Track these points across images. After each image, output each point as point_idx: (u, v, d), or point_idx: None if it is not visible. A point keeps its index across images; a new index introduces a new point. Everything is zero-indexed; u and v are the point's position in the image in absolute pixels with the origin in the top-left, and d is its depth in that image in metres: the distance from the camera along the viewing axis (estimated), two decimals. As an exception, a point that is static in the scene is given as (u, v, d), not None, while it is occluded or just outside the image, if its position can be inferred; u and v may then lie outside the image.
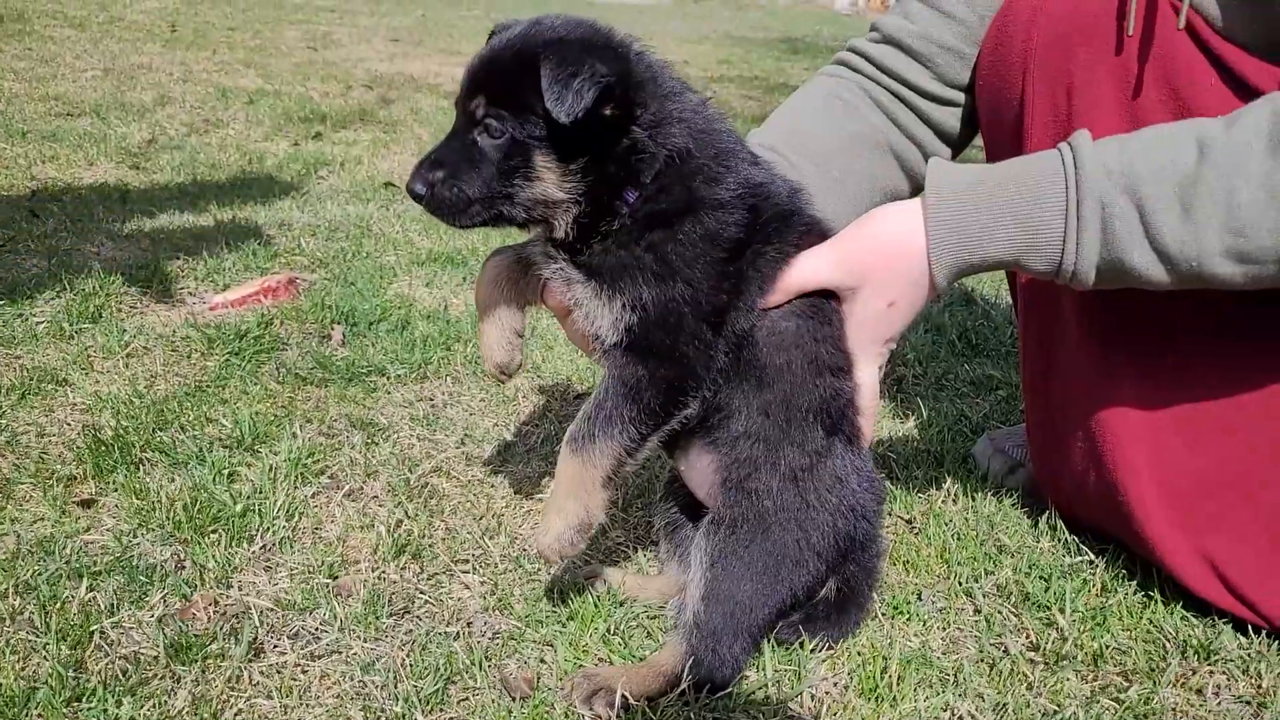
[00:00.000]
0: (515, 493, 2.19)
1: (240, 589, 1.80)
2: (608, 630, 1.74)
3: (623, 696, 1.51)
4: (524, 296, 1.73)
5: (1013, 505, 2.19)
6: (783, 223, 1.59)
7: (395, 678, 1.59)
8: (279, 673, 1.60)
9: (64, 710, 1.47)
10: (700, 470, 1.66)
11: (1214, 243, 1.45)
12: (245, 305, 3.09)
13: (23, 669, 1.54)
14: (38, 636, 1.61)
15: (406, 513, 2.06)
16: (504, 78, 1.47)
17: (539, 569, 1.92)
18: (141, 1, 11.69)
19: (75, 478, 2.09)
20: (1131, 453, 1.82)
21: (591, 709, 1.52)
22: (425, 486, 2.18)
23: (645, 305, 1.51)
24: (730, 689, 1.58)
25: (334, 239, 3.88)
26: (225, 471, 2.13)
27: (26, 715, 1.45)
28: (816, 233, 1.62)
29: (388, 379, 2.70)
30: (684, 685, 1.55)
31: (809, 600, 1.68)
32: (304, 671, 1.61)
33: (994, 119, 1.96)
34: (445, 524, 2.05)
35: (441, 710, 1.54)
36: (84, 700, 1.49)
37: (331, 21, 12.49)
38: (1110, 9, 1.74)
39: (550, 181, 1.50)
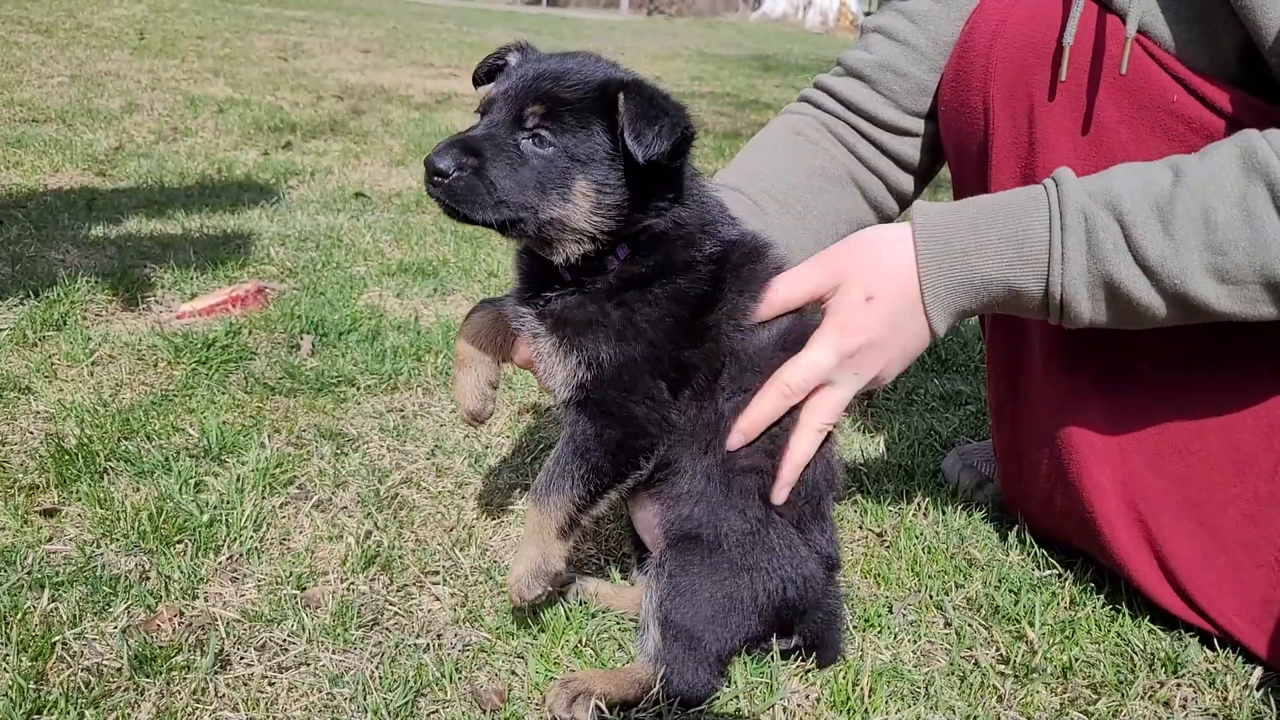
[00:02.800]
0: (485, 504, 2.17)
1: (206, 600, 1.77)
2: (579, 642, 1.73)
3: (600, 704, 1.51)
4: (502, 351, 1.75)
5: (983, 519, 2.20)
6: (753, 263, 1.61)
7: (364, 690, 1.57)
8: (246, 685, 1.57)
9: (24, 723, 1.44)
10: (644, 517, 1.67)
11: (1194, 259, 1.48)
12: (213, 314, 3.06)
13: (-18, 681, 1.51)
14: (-2, 648, 1.58)
15: (376, 524, 2.05)
16: (571, 94, 1.47)
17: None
18: (109, 8, 11.61)
19: (37, 487, 2.06)
20: (1098, 474, 1.84)
21: (572, 715, 1.51)
22: (395, 497, 2.16)
23: (601, 363, 1.53)
24: (704, 705, 1.58)
25: (304, 249, 3.85)
26: (192, 481, 2.10)
27: (-15, 728, 1.42)
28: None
29: (357, 389, 2.68)
30: (656, 689, 1.56)
31: (760, 645, 1.69)
32: (271, 684, 1.59)
33: (958, 143, 1.98)
34: (415, 535, 2.03)
35: (412, 721, 1.52)
36: (45, 713, 1.46)
37: (302, 31, 12.44)
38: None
39: (582, 208, 1.48)
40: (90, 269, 3.34)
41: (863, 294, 1.57)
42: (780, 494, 1.58)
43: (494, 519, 2.12)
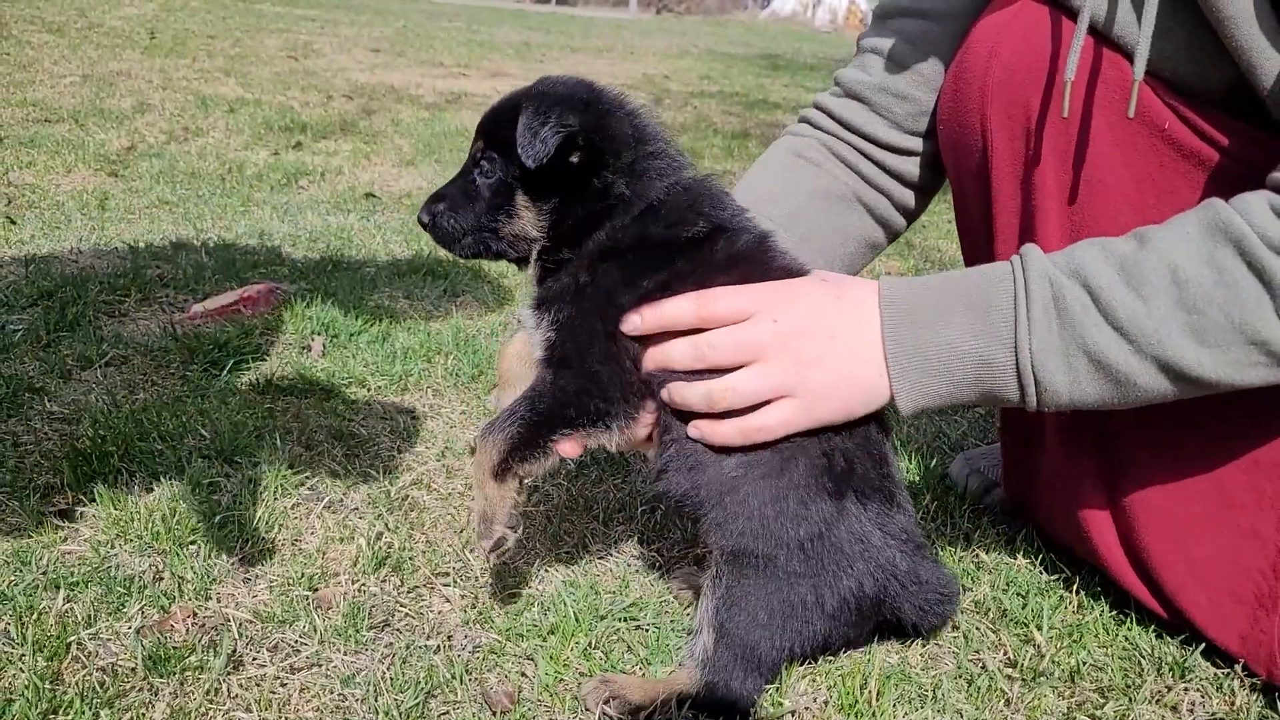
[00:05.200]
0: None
1: (219, 601, 1.79)
2: (589, 644, 1.74)
3: (635, 706, 1.54)
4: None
5: (990, 523, 2.21)
6: (754, 252, 1.64)
7: (376, 691, 1.58)
8: (258, 685, 1.59)
9: (40, 723, 1.45)
10: (702, 534, 1.66)
11: (1170, 318, 1.44)
12: (225, 315, 3.08)
13: (0, 680, 1.53)
14: (14, 648, 1.60)
15: (387, 525, 2.06)
16: (499, 124, 1.62)
17: (520, 583, 1.92)
18: (120, 8, 11.65)
19: (53, 487, 2.07)
20: (1093, 495, 1.86)
21: (601, 710, 1.54)
22: (406, 499, 2.18)
23: (563, 321, 1.60)
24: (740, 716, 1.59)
25: (314, 249, 3.87)
26: (204, 482, 2.12)
27: (2, 728, 1.44)
28: (792, 270, 1.66)
29: (368, 390, 2.70)
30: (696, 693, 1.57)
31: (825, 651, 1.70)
32: (283, 684, 1.60)
33: (958, 162, 1.97)
34: (425, 537, 2.05)
35: (423, 723, 1.54)
36: (60, 712, 1.48)
37: (312, 31, 12.47)
38: (1060, 53, 1.76)
39: (527, 219, 1.65)
40: (102, 269, 3.36)
41: (808, 315, 1.57)
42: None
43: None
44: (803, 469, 1.58)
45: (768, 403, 1.55)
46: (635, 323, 1.56)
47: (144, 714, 1.50)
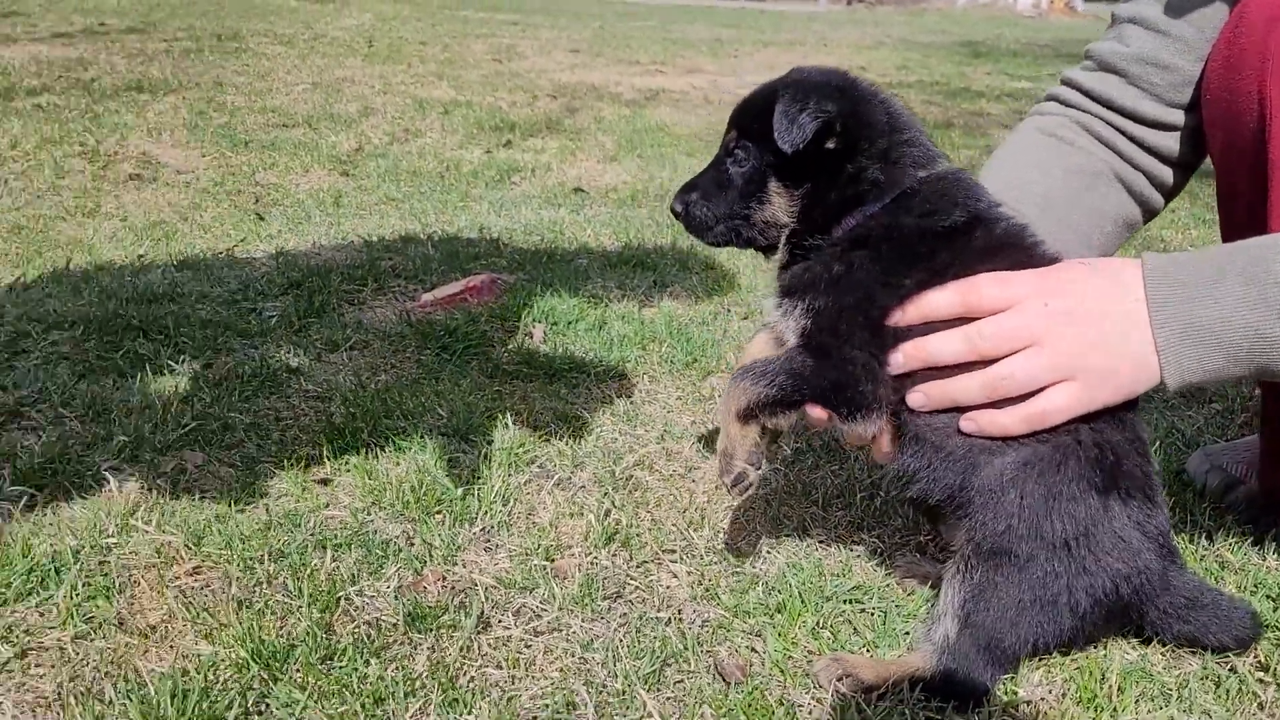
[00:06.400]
0: (716, 487, 2.24)
1: (464, 566, 1.91)
2: (816, 624, 1.77)
3: (867, 685, 1.57)
4: None
5: (1234, 521, 2.10)
6: (1010, 244, 1.62)
7: (614, 656, 1.66)
8: (505, 645, 1.70)
9: (319, 667, 1.60)
10: (956, 533, 1.65)
11: None
12: (452, 304, 3.26)
13: (282, 627, 1.69)
14: (292, 599, 1.76)
15: (614, 503, 2.15)
16: (752, 114, 1.68)
17: (744, 562, 1.97)
18: (341, 20, 12.41)
19: (313, 458, 2.26)
20: None
21: (834, 688, 1.57)
22: (630, 479, 2.26)
23: (819, 310, 1.61)
24: (984, 706, 1.58)
25: (529, 242, 4.04)
26: (445, 458, 2.26)
27: (287, 669, 1.59)
28: (1052, 257, 1.62)
29: (588, 375, 2.81)
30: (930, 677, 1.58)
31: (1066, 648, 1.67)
32: (528, 646, 1.70)
33: (1229, 134, 1.87)
34: (651, 515, 2.12)
35: (660, 690, 1.60)
36: (335, 659, 1.63)
37: (515, 34, 12.93)
38: None
39: (779, 205, 1.69)
40: (342, 261, 3.62)
41: (1060, 299, 1.52)
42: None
43: (725, 503, 2.18)
44: (1075, 465, 1.54)
45: (1042, 390, 1.52)
46: (897, 315, 1.56)
47: (407, 665, 1.63)
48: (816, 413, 1.61)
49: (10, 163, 4.70)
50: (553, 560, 1.94)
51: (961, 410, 1.55)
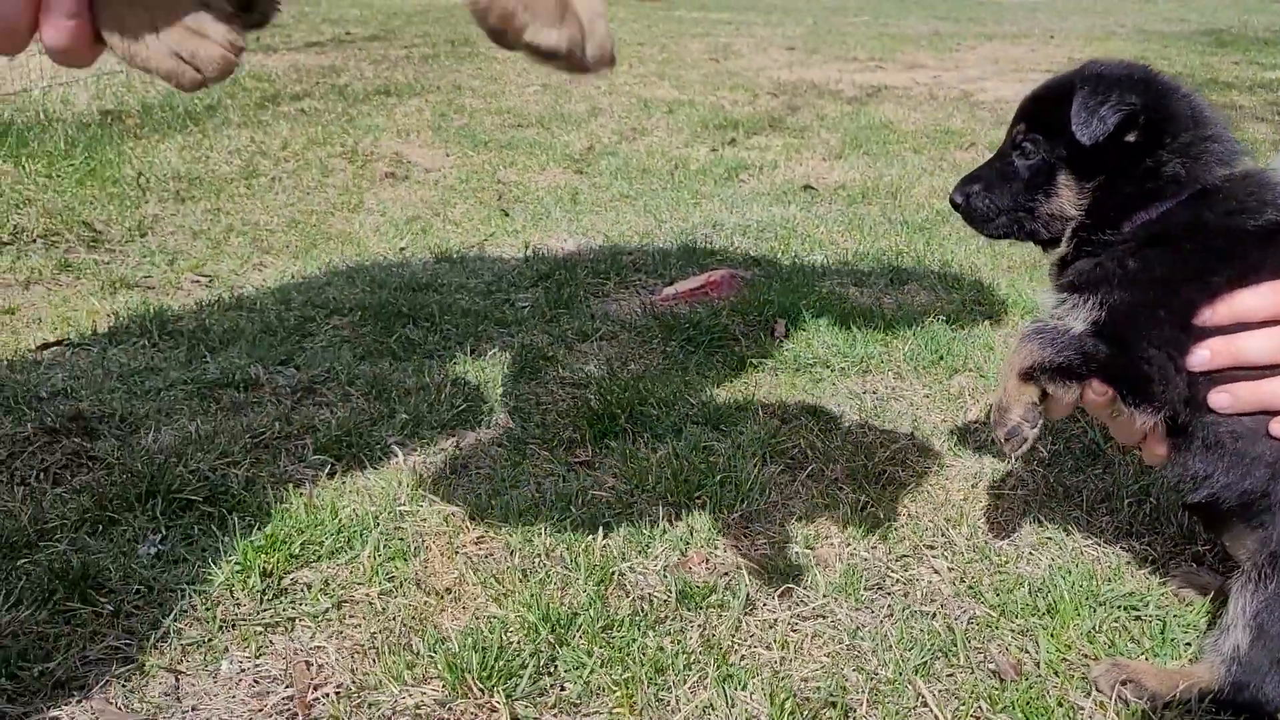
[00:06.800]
0: (972, 486, 2.22)
1: (726, 550, 1.98)
2: (1092, 628, 1.73)
3: (1151, 693, 1.53)
4: None
5: None
6: None
7: (884, 644, 1.68)
8: (772, 628, 1.75)
9: (600, 636, 1.70)
10: (1245, 544, 1.59)
11: None
12: (693, 298, 3.34)
13: (563, 596, 1.80)
14: (570, 571, 1.87)
15: (869, 496, 2.16)
16: (1043, 107, 1.69)
17: (1005, 561, 1.94)
18: (563, 23, 12.80)
19: (575, 441, 2.38)
20: None
21: (1115, 693, 1.55)
22: (883, 474, 2.27)
23: (1114, 305, 1.56)
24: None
25: (762, 238, 4.08)
26: (701, 446, 2.34)
27: (571, 635, 1.70)
28: None
29: (831, 371, 2.82)
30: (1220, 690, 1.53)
31: None
32: (795, 630, 1.75)
33: None
34: (907, 510, 2.12)
35: (933, 679, 1.61)
36: (613, 629, 1.72)
37: (729, 33, 13.00)
38: None
39: (1066, 198, 1.67)
40: (585, 256, 3.77)
41: None
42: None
43: (981, 501, 2.16)
44: None
45: None
46: (1206, 314, 1.52)
47: (680, 639, 1.70)
48: (1097, 391, 1.57)
49: (283, 163, 5.13)
50: (813, 549, 1.98)
51: (1271, 414, 1.48)
